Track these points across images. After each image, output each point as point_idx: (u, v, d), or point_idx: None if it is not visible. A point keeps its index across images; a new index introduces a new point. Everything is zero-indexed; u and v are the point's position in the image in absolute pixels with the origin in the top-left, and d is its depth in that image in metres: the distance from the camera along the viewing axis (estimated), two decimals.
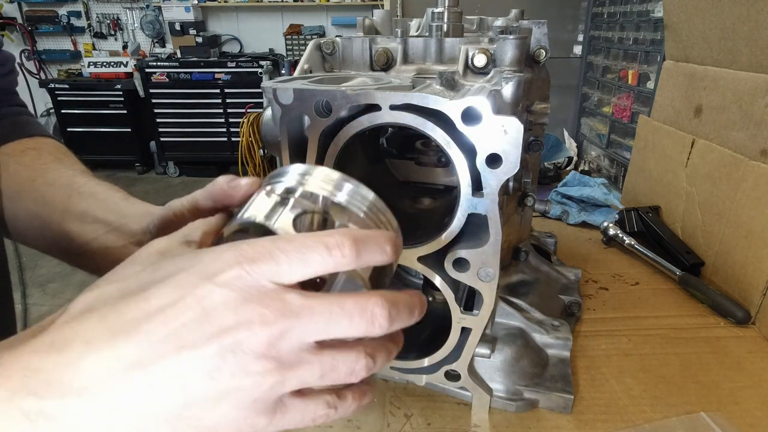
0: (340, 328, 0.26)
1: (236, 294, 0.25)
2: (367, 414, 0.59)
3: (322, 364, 0.26)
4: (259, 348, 0.24)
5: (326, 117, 0.43)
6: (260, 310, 0.24)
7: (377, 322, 0.26)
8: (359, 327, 0.26)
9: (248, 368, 0.24)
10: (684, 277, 0.85)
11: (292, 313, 0.25)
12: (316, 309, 0.25)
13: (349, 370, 0.27)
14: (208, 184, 0.38)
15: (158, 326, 0.24)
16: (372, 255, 0.27)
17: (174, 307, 0.24)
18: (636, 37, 2.71)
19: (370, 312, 0.26)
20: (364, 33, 0.68)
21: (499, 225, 0.43)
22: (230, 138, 4.49)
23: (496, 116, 0.38)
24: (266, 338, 0.24)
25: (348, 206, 0.32)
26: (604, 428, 0.57)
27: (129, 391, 0.23)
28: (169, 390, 0.24)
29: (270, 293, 0.25)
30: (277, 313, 0.25)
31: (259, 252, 0.26)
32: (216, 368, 0.24)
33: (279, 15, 4.73)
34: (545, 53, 0.63)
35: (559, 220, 1.14)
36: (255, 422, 0.25)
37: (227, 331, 0.24)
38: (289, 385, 0.25)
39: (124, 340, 0.23)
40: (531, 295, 0.72)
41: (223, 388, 0.24)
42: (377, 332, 0.27)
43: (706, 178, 0.88)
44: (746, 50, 0.79)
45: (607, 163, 3.09)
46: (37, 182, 0.49)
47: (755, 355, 0.69)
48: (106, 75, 4.54)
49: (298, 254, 0.26)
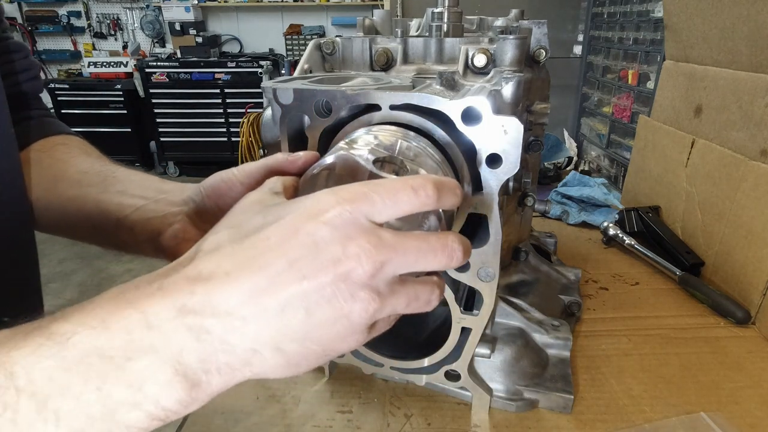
0: (427, 261, 0.29)
1: (341, 231, 0.27)
2: (367, 414, 0.59)
3: (407, 294, 0.30)
4: (364, 277, 0.27)
5: (326, 117, 0.43)
6: (363, 244, 0.27)
7: (455, 255, 0.30)
8: (441, 261, 0.30)
9: (357, 295, 0.27)
10: (684, 277, 0.85)
11: (389, 247, 0.28)
12: (408, 244, 0.29)
13: (427, 299, 0.31)
14: (263, 158, 0.41)
15: (280, 259, 0.27)
16: (447, 197, 0.31)
17: (290, 242, 0.27)
18: (636, 37, 2.71)
19: (450, 247, 0.30)
20: (364, 33, 0.68)
21: (499, 225, 0.43)
22: (230, 138, 4.48)
23: (496, 116, 0.38)
24: (370, 269, 0.27)
25: (419, 156, 0.37)
26: (604, 428, 0.57)
27: (264, 314, 0.26)
28: (297, 314, 0.27)
29: (368, 230, 0.28)
30: (378, 246, 0.28)
31: (355, 194, 0.29)
32: (333, 295, 0.27)
33: (279, 15, 4.73)
34: (545, 53, 0.63)
35: (559, 220, 1.14)
36: (359, 338, 0.29)
37: (338, 262, 0.27)
38: (385, 311, 0.29)
39: (255, 272, 0.27)
40: (531, 295, 0.72)
41: (338, 313, 0.27)
42: (454, 265, 0.31)
43: (706, 178, 0.88)
44: (746, 50, 0.79)
45: (607, 163, 3.09)
46: (71, 171, 0.52)
47: (755, 355, 0.69)
48: (106, 75, 4.54)
49: (389, 195, 0.29)
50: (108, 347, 0.24)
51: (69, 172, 0.51)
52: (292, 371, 0.29)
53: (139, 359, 0.24)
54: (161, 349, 0.25)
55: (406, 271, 0.29)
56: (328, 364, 0.64)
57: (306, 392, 0.63)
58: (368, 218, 0.28)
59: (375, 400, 0.61)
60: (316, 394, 0.63)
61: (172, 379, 0.25)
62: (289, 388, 0.64)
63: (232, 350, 0.26)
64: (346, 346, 0.29)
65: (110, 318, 0.25)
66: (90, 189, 0.50)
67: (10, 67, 0.54)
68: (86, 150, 0.56)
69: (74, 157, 0.54)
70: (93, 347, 0.24)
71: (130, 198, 0.48)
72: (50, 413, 0.23)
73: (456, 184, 0.32)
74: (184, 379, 0.25)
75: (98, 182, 0.50)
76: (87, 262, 3.16)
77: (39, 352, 0.23)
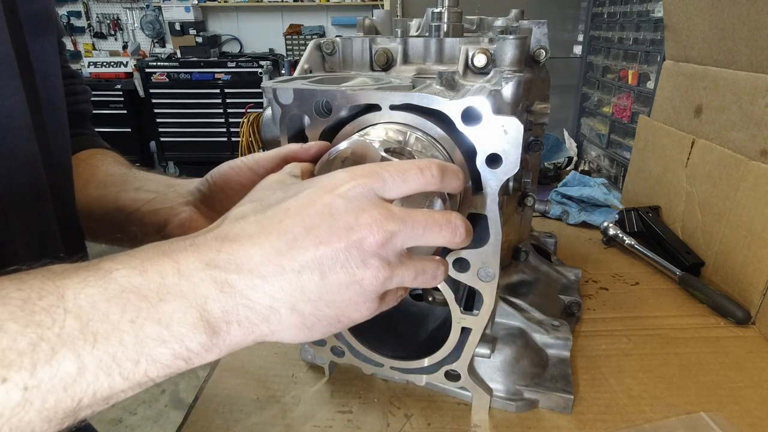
0: (432, 235, 0.32)
1: (354, 202, 0.30)
2: (367, 414, 0.59)
3: (415, 267, 0.33)
4: (375, 246, 0.30)
5: (326, 117, 0.43)
6: (374, 214, 0.30)
7: (459, 232, 0.33)
8: (446, 236, 0.32)
9: (368, 262, 0.30)
10: (684, 277, 0.85)
11: (399, 219, 0.31)
12: (416, 218, 0.31)
13: (433, 274, 0.34)
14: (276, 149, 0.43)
15: (298, 226, 0.29)
16: (451, 179, 0.33)
17: (308, 211, 0.30)
18: (636, 37, 2.71)
19: (454, 224, 0.32)
20: (364, 33, 0.68)
21: (499, 225, 0.43)
22: (230, 138, 4.48)
23: (496, 116, 0.38)
24: (381, 238, 0.30)
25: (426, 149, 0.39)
26: (604, 428, 0.57)
27: (282, 274, 0.29)
28: (313, 276, 0.29)
29: (379, 203, 0.31)
30: (388, 218, 0.30)
31: (367, 171, 0.31)
32: (346, 260, 0.29)
33: (279, 15, 4.73)
34: (545, 53, 0.63)
35: (559, 220, 1.14)
36: (370, 306, 0.31)
37: (351, 230, 0.29)
38: (395, 281, 0.31)
39: (276, 236, 0.29)
40: (531, 295, 0.72)
41: (351, 278, 0.30)
42: (457, 241, 0.33)
43: (706, 178, 0.88)
44: (746, 50, 0.79)
45: (607, 163, 3.09)
46: (99, 174, 0.56)
47: (755, 355, 0.69)
48: (106, 75, 4.54)
49: (398, 173, 0.32)
50: (144, 287, 0.27)
51: (97, 175, 0.56)
52: (306, 335, 0.31)
53: (170, 302, 0.27)
54: (189, 295, 0.27)
55: (413, 243, 0.32)
56: (328, 364, 0.64)
57: (306, 392, 0.63)
58: (379, 194, 0.31)
59: (375, 400, 0.61)
60: (316, 394, 0.63)
61: (197, 323, 0.27)
62: (289, 388, 0.64)
63: (252, 305, 0.29)
64: (358, 315, 0.31)
65: (148, 263, 0.28)
66: (111, 189, 0.54)
67: (70, 89, 0.58)
68: (118, 160, 0.62)
69: (107, 164, 0.58)
70: (131, 285, 0.27)
71: (144, 193, 0.52)
72: (89, 334, 0.25)
73: (458, 169, 0.34)
74: (207, 325, 0.28)
75: (120, 182, 0.54)
76: None
77: (86, 281, 0.26)
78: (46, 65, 0.45)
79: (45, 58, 0.45)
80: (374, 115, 0.42)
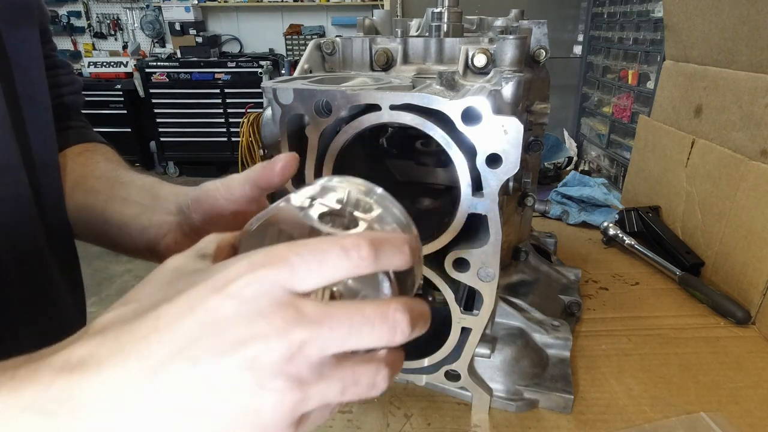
0: (361, 337, 0.24)
1: (249, 305, 0.23)
2: (367, 414, 0.59)
3: (343, 378, 0.24)
4: (276, 363, 0.22)
5: (326, 117, 0.43)
6: (275, 321, 0.23)
7: (399, 328, 0.25)
8: (380, 335, 0.24)
9: (267, 385, 0.22)
10: (684, 277, 0.85)
11: (311, 322, 0.23)
12: (336, 316, 0.24)
13: (371, 382, 0.25)
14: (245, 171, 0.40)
15: (167, 343, 0.23)
16: (389, 257, 0.25)
17: (185, 321, 0.23)
18: (636, 37, 2.71)
19: (392, 318, 0.24)
20: (364, 33, 0.68)
21: (499, 225, 0.43)
22: (230, 138, 4.48)
23: (496, 116, 0.38)
24: (284, 352, 0.22)
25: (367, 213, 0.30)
26: (604, 428, 0.57)
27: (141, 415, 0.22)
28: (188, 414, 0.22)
29: (284, 303, 0.23)
30: (295, 323, 0.23)
31: (272, 258, 0.24)
32: (235, 387, 0.22)
33: (279, 15, 4.73)
34: (545, 53, 0.63)
35: (559, 220, 1.14)
36: None
37: (242, 344, 0.22)
38: (312, 403, 0.24)
39: (136, 360, 0.22)
40: (531, 295, 0.72)
41: (242, 409, 0.22)
42: (398, 340, 0.25)
43: (706, 178, 0.88)
44: (746, 50, 0.79)
45: (607, 163, 3.09)
46: (87, 177, 0.53)
47: (755, 355, 0.69)
48: (106, 75, 4.54)
49: (313, 257, 0.24)
50: None
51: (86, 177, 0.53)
52: None
53: None
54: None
55: (337, 350, 0.24)
56: None
57: None
58: (287, 287, 0.24)
59: (375, 400, 0.61)
60: None
61: None
62: None
63: None
64: None
65: None
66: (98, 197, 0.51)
67: (55, 80, 0.56)
68: (107, 156, 0.58)
69: (95, 163, 0.55)
70: None
71: (131, 206, 0.49)
72: None
73: (403, 241, 0.26)
74: None
75: (107, 189, 0.51)
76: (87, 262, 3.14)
77: None
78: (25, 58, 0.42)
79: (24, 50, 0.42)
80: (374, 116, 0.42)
